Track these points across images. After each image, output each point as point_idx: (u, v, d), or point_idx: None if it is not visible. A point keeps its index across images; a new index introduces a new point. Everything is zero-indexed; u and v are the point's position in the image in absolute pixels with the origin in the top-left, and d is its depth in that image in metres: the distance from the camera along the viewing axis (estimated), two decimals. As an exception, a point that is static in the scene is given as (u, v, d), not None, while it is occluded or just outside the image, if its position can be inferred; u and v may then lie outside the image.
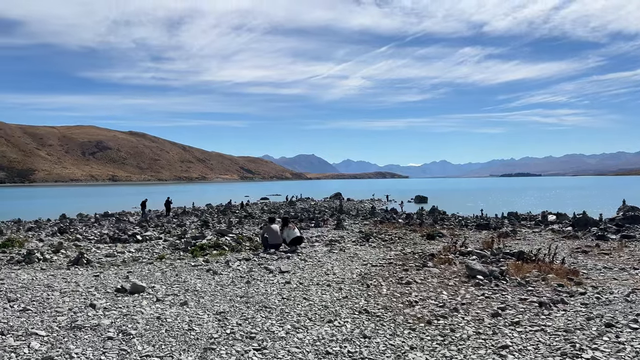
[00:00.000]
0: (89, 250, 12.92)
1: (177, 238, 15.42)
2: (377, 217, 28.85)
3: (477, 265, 10.17)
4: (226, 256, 12.05)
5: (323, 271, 9.98)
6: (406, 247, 14.58)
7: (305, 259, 11.69)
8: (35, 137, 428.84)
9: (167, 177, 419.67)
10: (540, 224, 24.73)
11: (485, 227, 22.83)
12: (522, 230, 21.77)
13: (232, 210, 40.96)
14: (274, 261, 11.35)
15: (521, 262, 11.57)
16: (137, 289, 7.64)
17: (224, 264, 10.62)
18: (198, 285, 8.37)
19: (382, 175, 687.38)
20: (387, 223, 24.42)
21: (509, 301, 7.90)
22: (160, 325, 6.00)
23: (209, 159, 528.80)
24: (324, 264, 11.02)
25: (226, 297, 7.48)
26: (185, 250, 12.81)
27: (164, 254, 12.15)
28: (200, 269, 9.96)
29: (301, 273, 9.72)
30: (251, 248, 13.59)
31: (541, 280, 9.64)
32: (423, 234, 18.56)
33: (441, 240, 17.10)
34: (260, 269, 10.09)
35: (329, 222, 24.52)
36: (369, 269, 10.43)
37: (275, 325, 6.09)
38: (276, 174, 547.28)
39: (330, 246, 14.34)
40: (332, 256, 12.26)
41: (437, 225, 23.94)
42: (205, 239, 14.09)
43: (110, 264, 10.87)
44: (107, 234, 16.48)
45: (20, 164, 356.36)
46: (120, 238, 15.37)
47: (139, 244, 14.66)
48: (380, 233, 18.78)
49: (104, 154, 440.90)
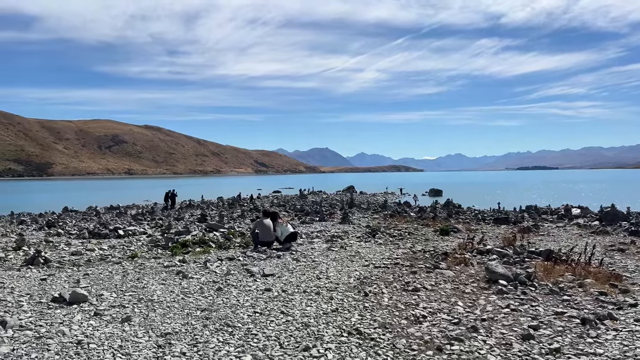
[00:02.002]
0: (57, 247, 11.56)
1: (161, 233, 13.98)
2: (388, 210, 27.17)
3: (499, 268, 8.52)
4: (209, 254, 10.58)
5: (315, 274, 8.43)
6: (416, 244, 12.96)
7: (298, 258, 10.15)
8: (53, 131, 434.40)
9: (182, 170, 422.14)
10: (564, 218, 22.83)
11: (504, 221, 20.98)
12: (545, 224, 19.92)
13: (241, 204, 39.70)
14: (262, 261, 9.83)
15: (551, 263, 9.89)
16: (78, 298, 6.19)
17: (202, 265, 9.15)
18: (157, 293, 6.88)
19: (396, 169, 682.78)
20: (398, 217, 22.75)
21: (541, 316, 6.28)
22: (74, 355, 4.51)
23: (223, 153, 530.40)
24: (319, 264, 9.47)
25: (184, 311, 5.98)
26: (165, 247, 11.38)
27: (137, 252, 10.71)
28: (170, 271, 8.48)
29: (288, 277, 8.17)
30: (241, 245, 12.10)
31: (577, 287, 7.98)
32: (436, 229, 16.90)
33: (456, 236, 15.43)
34: (241, 271, 8.58)
35: (335, 215, 22.94)
36: (371, 271, 8.86)
37: (231, 355, 4.57)
38: (290, 167, 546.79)
39: (331, 243, 12.79)
40: (331, 255, 10.71)
41: (452, 219, 22.19)
42: (190, 234, 12.63)
43: (72, 263, 9.47)
44: (87, 229, 15.16)
45: (38, 157, 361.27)
46: (101, 233, 14.01)
47: (120, 239, 13.30)
48: (389, 228, 17.16)
49: (120, 147, 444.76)
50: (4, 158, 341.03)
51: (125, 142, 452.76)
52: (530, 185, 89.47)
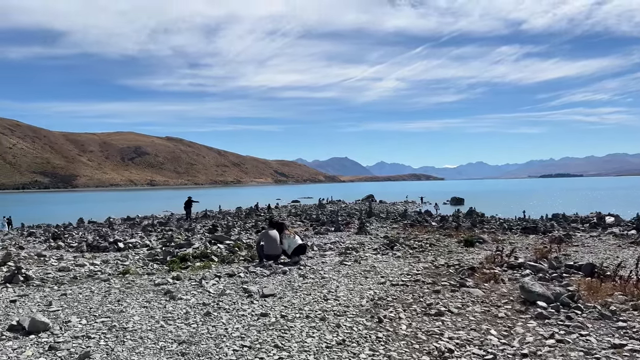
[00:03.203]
0: (47, 262, 10.73)
1: (163, 245, 13.06)
2: (407, 220, 25.90)
3: (536, 286, 7.30)
4: (209, 270, 9.60)
5: (322, 294, 7.35)
6: (439, 257, 11.76)
7: (306, 274, 9.08)
8: (77, 143, 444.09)
9: (203, 181, 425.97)
10: (597, 227, 21.28)
11: (533, 230, 19.55)
12: (577, 234, 18.45)
13: (257, 214, 38.96)
14: (265, 277, 8.79)
15: (595, 279, 8.62)
16: (37, 327, 5.24)
17: (197, 283, 8.15)
18: (134, 319, 5.90)
19: (416, 177, 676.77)
20: (419, 226, 21.50)
21: (595, 349, 5.09)
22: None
23: (243, 163, 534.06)
24: (328, 281, 8.38)
25: (157, 344, 4.96)
26: (163, 261, 10.44)
27: (131, 267, 9.78)
28: (158, 291, 7.50)
29: (291, 297, 7.11)
30: (246, 259, 11.09)
31: (632, 310, 6.73)
32: (460, 240, 15.64)
33: (482, 247, 14.17)
34: (238, 290, 7.55)
35: (352, 225, 21.81)
36: (387, 290, 7.74)
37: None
38: (309, 177, 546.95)
39: (344, 256, 11.69)
40: (343, 270, 9.61)
41: (476, 228, 20.85)
42: (191, 247, 11.68)
43: (55, 281, 8.57)
44: (86, 242, 14.36)
45: (63, 170, 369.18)
46: (100, 246, 13.19)
47: (119, 252, 12.44)
48: (408, 239, 15.97)
49: (143, 159, 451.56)
50: (30, 170, 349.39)
51: (148, 154, 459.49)
52: (554, 193, 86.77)
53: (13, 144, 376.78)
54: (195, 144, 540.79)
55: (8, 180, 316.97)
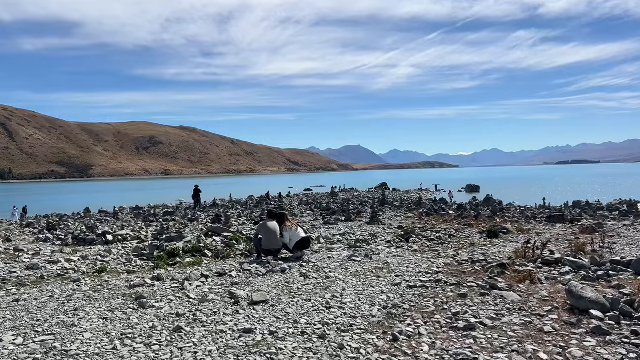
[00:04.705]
0: (19, 257, 9.61)
1: (153, 238, 11.87)
2: (423, 208, 24.49)
3: (587, 290, 5.93)
4: (199, 267, 8.39)
5: (325, 300, 6.08)
6: (460, 251, 10.41)
7: (308, 272, 7.82)
8: (92, 133, 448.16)
9: (217, 170, 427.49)
10: (628, 215, 19.66)
11: (559, 219, 18.00)
12: (607, 223, 16.90)
13: (268, 202, 38.00)
14: (260, 277, 7.54)
15: (652, 280, 7.22)
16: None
17: (179, 284, 6.94)
18: (85, 336, 4.69)
19: (430, 165, 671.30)
20: (435, 216, 20.10)
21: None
22: None
23: (256, 152, 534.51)
24: (333, 282, 7.11)
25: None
26: (149, 256, 9.26)
27: (111, 264, 8.60)
28: (129, 295, 6.30)
29: (286, 304, 5.85)
30: (244, 253, 9.86)
31: None
32: (481, 230, 14.25)
33: (507, 238, 12.78)
34: (224, 294, 6.32)
35: (364, 214, 20.49)
36: (403, 294, 6.45)
37: None
38: (322, 165, 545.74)
39: (354, 249, 10.40)
40: (351, 267, 8.33)
41: (497, 217, 19.38)
42: (183, 240, 10.46)
43: (17, 282, 7.42)
44: (72, 234, 13.25)
45: (79, 159, 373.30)
46: (86, 238, 12.07)
47: (107, 245, 11.31)
48: (425, 229, 14.61)
49: (157, 148, 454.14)
50: (47, 161, 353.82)
51: (162, 143, 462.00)
52: (572, 179, 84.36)
53: (30, 134, 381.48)
54: (208, 133, 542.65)
55: (25, 171, 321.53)
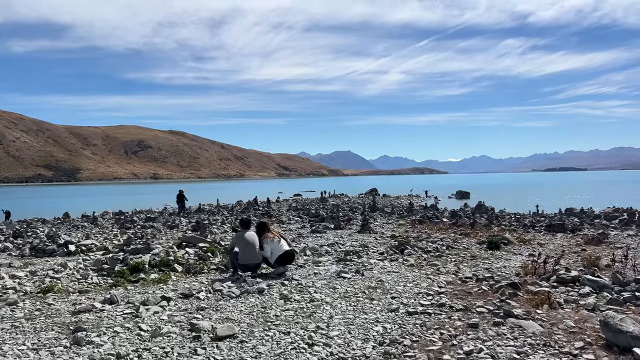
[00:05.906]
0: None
1: (118, 249, 10.63)
2: (415, 215, 23.46)
3: (628, 323, 4.86)
4: (164, 285, 7.23)
5: (308, 332, 4.96)
6: (462, 265, 9.36)
7: (289, 293, 6.70)
8: (80, 137, 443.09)
9: (206, 174, 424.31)
10: (630, 225, 18.81)
11: (560, 228, 17.06)
12: (610, 233, 15.99)
13: (256, 208, 36.80)
14: (231, 300, 6.41)
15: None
16: None
17: (134, 310, 5.79)
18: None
19: (420, 171, 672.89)
20: (429, 223, 19.07)
21: None
22: None
23: (246, 157, 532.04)
24: (318, 307, 6.00)
25: None
26: (110, 272, 8.08)
27: (56, 284, 7.40)
28: (67, 326, 5.14)
29: (259, 340, 4.73)
30: (219, 268, 8.71)
31: None
32: (480, 240, 13.23)
33: (509, 249, 11.77)
34: (185, 325, 5.18)
35: (354, 221, 19.41)
36: (402, 323, 5.35)
37: None
38: (312, 170, 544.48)
39: (344, 263, 9.29)
40: (341, 286, 7.23)
41: (494, 225, 18.41)
42: (150, 252, 9.28)
43: None
44: (30, 243, 11.99)
45: (66, 163, 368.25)
46: (45, 249, 10.84)
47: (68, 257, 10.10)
48: (420, 239, 13.55)
49: (146, 152, 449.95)
50: (34, 164, 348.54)
51: (151, 147, 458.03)
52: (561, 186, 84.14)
53: (17, 137, 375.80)
54: (198, 137, 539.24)
55: (12, 174, 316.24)
